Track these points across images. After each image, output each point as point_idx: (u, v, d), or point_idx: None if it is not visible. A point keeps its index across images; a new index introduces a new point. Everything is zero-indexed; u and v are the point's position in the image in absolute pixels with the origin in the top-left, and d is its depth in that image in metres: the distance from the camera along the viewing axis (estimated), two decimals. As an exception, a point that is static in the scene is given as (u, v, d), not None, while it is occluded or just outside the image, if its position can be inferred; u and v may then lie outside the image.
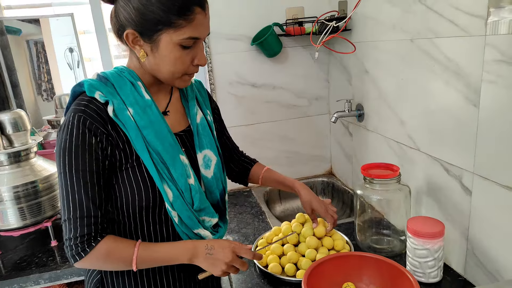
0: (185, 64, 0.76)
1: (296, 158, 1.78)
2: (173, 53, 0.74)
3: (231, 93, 1.63)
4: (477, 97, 0.85)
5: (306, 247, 1.05)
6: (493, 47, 0.79)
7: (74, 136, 0.71)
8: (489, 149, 0.84)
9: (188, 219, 0.80)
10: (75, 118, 0.72)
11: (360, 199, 1.10)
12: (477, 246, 0.91)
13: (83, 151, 0.72)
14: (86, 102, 0.74)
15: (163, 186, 0.76)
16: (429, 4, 0.97)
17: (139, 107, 0.76)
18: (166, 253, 0.78)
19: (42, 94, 1.68)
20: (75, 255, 0.72)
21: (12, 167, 1.24)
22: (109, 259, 0.75)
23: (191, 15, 0.71)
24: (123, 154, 0.75)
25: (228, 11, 1.52)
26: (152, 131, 0.76)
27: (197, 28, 0.73)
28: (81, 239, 0.72)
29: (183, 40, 0.73)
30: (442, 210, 1.02)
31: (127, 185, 0.76)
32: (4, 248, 1.33)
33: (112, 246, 0.74)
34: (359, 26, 1.36)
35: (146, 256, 0.76)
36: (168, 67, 0.76)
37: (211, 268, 0.79)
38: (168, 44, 0.73)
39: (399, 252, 1.09)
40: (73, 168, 0.72)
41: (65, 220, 0.73)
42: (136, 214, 0.79)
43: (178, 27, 0.71)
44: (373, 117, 1.35)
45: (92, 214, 0.72)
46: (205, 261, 0.79)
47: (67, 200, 0.72)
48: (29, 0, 1.65)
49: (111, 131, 0.74)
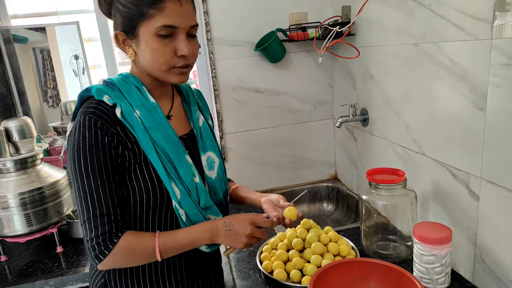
0: (166, 55, 0.76)
1: (300, 163, 1.78)
2: (151, 43, 0.75)
3: (234, 98, 1.63)
4: (483, 101, 0.84)
5: (312, 253, 1.04)
6: (499, 50, 0.78)
7: (87, 137, 0.73)
8: (496, 153, 0.83)
9: (195, 217, 0.82)
10: (86, 119, 0.74)
11: (365, 204, 1.09)
12: (485, 251, 0.90)
13: (97, 150, 0.73)
14: (95, 104, 0.76)
15: (171, 184, 0.78)
16: (433, 8, 0.97)
17: (145, 110, 0.79)
18: (186, 237, 0.79)
19: (47, 100, 1.70)
20: (98, 254, 0.73)
21: (18, 174, 1.25)
22: (133, 254, 0.76)
23: (160, 4, 0.73)
24: (132, 154, 0.77)
25: (232, 17, 1.53)
26: (159, 132, 0.79)
27: (170, 16, 0.74)
28: (102, 237, 0.73)
29: (158, 29, 0.74)
30: (449, 215, 1.01)
31: (135, 184, 0.78)
32: (10, 254, 1.34)
33: (134, 240, 0.76)
34: (363, 31, 1.36)
35: (168, 243, 0.78)
36: (149, 60, 0.77)
37: (234, 243, 0.82)
38: (146, 36, 0.75)
39: (406, 258, 1.08)
40: (89, 167, 0.73)
41: (84, 221, 0.74)
42: (143, 213, 0.80)
43: (150, 17, 0.74)
44: (378, 122, 1.35)
45: (111, 211, 0.74)
46: (226, 238, 0.81)
47: (85, 200, 0.73)
48: (36, 9, 1.67)
49: (120, 132, 0.76)
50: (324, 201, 1.77)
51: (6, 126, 1.25)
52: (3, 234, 1.24)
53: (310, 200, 1.77)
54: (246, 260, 1.14)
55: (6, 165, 1.24)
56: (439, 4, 0.95)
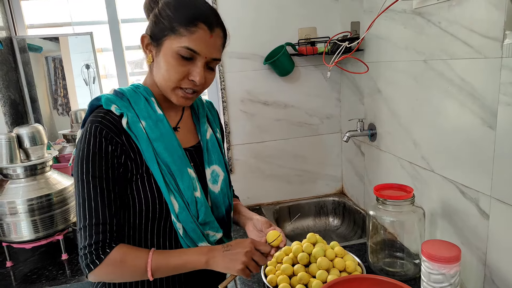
0: (178, 74, 0.77)
1: (307, 176, 1.77)
2: (170, 59, 0.77)
3: (243, 110, 1.64)
4: (493, 119, 0.84)
5: (317, 268, 1.03)
6: (509, 69, 0.78)
7: (92, 144, 0.74)
8: (507, 172, 0.82)
9: (193, 232, 0.81)
10: (92, 128, 0.75)
11: (372, 220, 1.08)
12: (495, 272, 0.88)
13: (100, 158, 0.74)
14: (102, 114, 0.77)
15: (170, 197, 0.78)
16: (443, 26, 0.98)
17: (151, 121, 0.80)
18: (181, 259, 0.76)
19: (57, 108, 1.73)
20: (89, 263, 0.72)
21: (27, 180, 1.26)
22: (124, 268, 0.74)
23: (193, 28, 0.75)
24: (134, 165, 0.77)
25: (241, 31, 1.56)
26: (162, 144, 0.79)
27: (196, 41, 0.76)
28: (95, 246, 0.72)
29: (180, 49, 0.75)
30: (458, 233, 1.00)
31: (135, 195, 0.78)
32: (15, 260, 1.34)
33: (126, 254, 0.74)
34: (372, 47, 1.37)
35: (161, 263, 0.75)
36: (162, 72, 0.78)
37: (231, 264, 0.76)
38: (168, 50, 0.77)
39: (413, 276, 1.06)
40: (90, 174, 0.73)
41: (80, 228, 0.73)
42: (142, 224, 0.80)
43: (178, 35, 0.75)
44: (386, 137, 1.35)
45: (107, 221, 0.73)
46: (223, 259, 0.76)
47: (83, 207, 0.73)
48: (51, 19, 1.71)
49: (124, 141, 0.77)
50: (330, 216, 1.76)
51: (18, 132, 1.27)
52: (10, 239, 1.25)
53: (316, 214, 1.76)
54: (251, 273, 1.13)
55: (16, 171, 1.25)
56: (449, 22, 0.95)
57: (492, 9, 0.81)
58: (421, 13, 1.06)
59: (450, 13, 0.94)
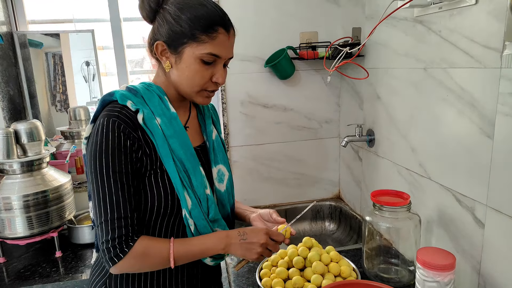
0: (204, 78, 0.80)
1: (304, 180, 1.77)
2: (193, 66, 0.78)
3: (242, 112, 1.64)
4: (491, 129, 0.85)
5: (312, 272, 1.03)
6: (508, 80, 0.79)
7: (110, 139, 0.74)
8: (503, 181, 0.83)
9: (204, 228, 0.83)
10: (109, 122, 0.75)
11: (368, 225, 1.08)
12: (489, 281, 0.89)
13: (119, 153, 0.74)
14: (119, 108, 0.77)
15: (183, 193, 0.79)
16: (443, 34, 0.98)
17: (166, 118, 0.81)
18: (201, 245, 0.80)
19: (56, 104, 1.72)
20: (113, 257, 0.73)
21: (24, 176, 1.26)
22: (147, 259, 0.76)
23: (214, 33, 0.77)
24: (149, 160, 0.78)
25: (243, 33, 1.56)
26: (177, 141, 0.80)
27: (218, 46, 0.78)
28: (118, 240, 0.73)
29: (204, 55, 0.77)
30: (453, 241, 1.00)
31: (148, 190, 0.78)
32: (9, 256, 1.33)
33: (148, 245, 0.76)
34: (372, 53, 1.38)
35: (182, 250, 0.78)
36: (187, 79, 0.80)
37: (247, 253, 0.81)
38: (190, 57, 0.78)
39: (407, 283, 1.06)
40: (110, 169, 0.73)
41: (101, 222, 0.74)
42: (151, 220, 0.81)
43: (200, 42, 0.77)
44: (384, 143, 1.35)
45: (128, 215, 0.74)
46: (240, 248, 0.81)
47: (104, 202, 0.73)
48: (53, 16, 1.71)
49: (140, 137, 0.77)
50: (327, 220, 1.76)
51: (16, 128, 1.27)
52: (4, 235, 1.24)
53: (312, 218, 1.76)
54: (245, 276, 1.13)
55: (12, 166, 1.25)
56: (449, 31, 0.96)
57: (492, 20, 0.82)
58: (422, 21, 1.06)
59: (451, 22, 0.95)
